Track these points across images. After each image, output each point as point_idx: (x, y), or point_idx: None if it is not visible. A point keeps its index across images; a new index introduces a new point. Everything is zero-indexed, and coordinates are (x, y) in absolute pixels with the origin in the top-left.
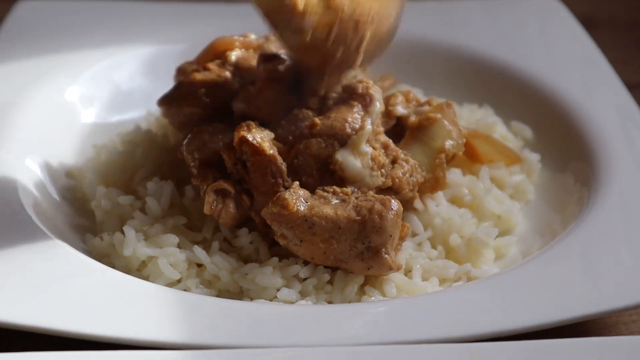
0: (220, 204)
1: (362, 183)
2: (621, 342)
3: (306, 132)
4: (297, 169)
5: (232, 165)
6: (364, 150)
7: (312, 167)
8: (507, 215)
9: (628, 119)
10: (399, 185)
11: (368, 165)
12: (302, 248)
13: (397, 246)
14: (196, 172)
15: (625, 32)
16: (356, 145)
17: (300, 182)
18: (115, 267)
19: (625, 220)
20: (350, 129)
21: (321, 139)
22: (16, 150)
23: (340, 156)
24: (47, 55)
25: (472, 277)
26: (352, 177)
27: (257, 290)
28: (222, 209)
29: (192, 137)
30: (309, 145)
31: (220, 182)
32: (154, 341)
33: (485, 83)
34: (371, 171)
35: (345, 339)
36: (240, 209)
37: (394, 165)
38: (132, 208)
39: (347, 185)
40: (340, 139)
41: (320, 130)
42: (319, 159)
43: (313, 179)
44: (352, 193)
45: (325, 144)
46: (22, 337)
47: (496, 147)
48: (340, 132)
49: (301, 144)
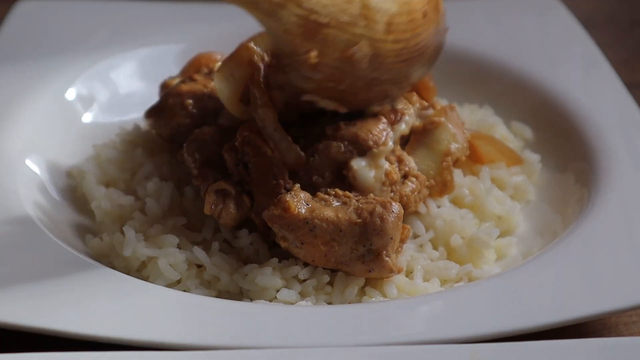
0: (220, 204)
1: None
2: (621, 343)
3: (329, 134)
4: (311, 167)
5: (234, 166)
6: (381, 165)
7: (325, 168)
8: (508, 216)
9: (628, 119)
10: (406, 202)
11: (380, 179)
12: (303, 250)
13: (398, 249)
14: (197, 172)
15: (625, 32)
16: (375, 158)
17: (310, 180)
18: (115, 267)
19: (625, 220)
20: (372, 141)
21: (342, 143)
22: (16, 150)
23: (355, 164)
24: (47, 55)
25: (474, 278)
26: (361, 187)
27: (257, 291)
28: (222, 210)
29: (192, 138)
30: (329, 146)
31: (220, 182)
32: (153, 342)
33: (485, 83)
34: (382, 186)
35: (345, 340)
36: (241, 210)
37: (404, 181)
38: (131, 208)
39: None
40: (360, 148)
41: (343, 135)
42: (334, 162)
43: (323, 180)
44: (354, 196)
45: (345, 149)
46: (22, 337)
47: (497, 147)
48: (362, 142)
49: (321, 143)
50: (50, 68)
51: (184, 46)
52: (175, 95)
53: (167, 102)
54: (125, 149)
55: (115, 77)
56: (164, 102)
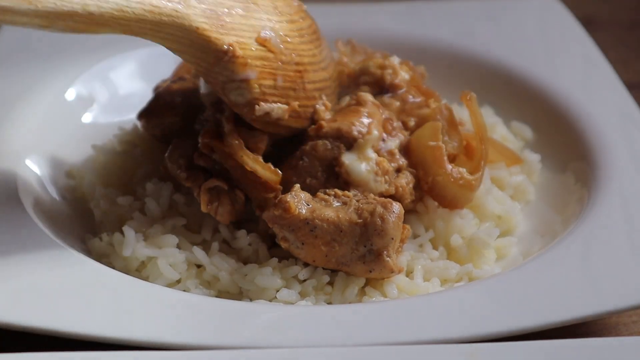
0: (215, 201)
1: (366, 187)
2: (621, 343)
3: (312, 134)
4: (302, 170)
5: (214, 169)
6: (369, 156)
7: (317, 169)
8: (508, 216)
9: (628, 119)
10: (401, 194)
11: (373, 170)
12: (304, 251)
13: (398, 249)
14: (186, 175)
15: (625, 32)
16: (362, 149)
17: (305, 183)
18: (115, 267)
19: (626, 220)
20: (356, 131)
21: (327, 141)
22: (16, 150)
23: (346, 159)
24: (47, 56)
25: (474, 278)
26: (356, 181)
27: (257, 291)
28: (218, 206)
29: (172, 147)
30: (315, 147)
31: (212, 179)
32: (153, 342)
33: (485, 83)
34: (375, 176)
35: (345, 339)
36: (237, 204)
37: (398, 174)
38: (130, 208)
39: (350, 189)
40: (346, 141)
41: (327, 132)
42: (324, 161)
43: (317, 181)
44: (354, 196)
45: (332, 146)
46: (22, 337)
47: (497, 147)
48: (347, 135)
49: (307, 145)
50: (50, 68)
51: None
52: (165, 95)
53: (158, 102)
54: (125, 149)
55: (114, 77)
56: (155, 103)
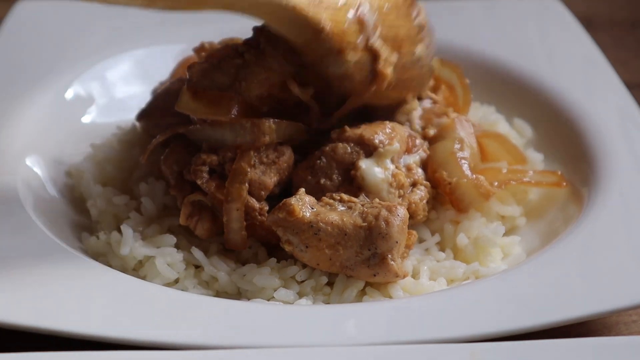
0: (196, 215)
1: (378, 196)
2: (621, 343)
3: (334, 137)
4: (318, 170)
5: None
6: (387, 166)
7: (333, 170)
8: (510, 215)
9: (628, 119)
10: (414, 210)
11: (388, 180)
12: (308, 254)
13: (404, 254)
14: (173, 182)
15: (625, 32)
16: (381, 158)
17: (318, 183)
18: (112, 266)
19: (625, 220)
20: (378, 140)
21: (348, 145)
22: (16, 150)
23: (363, 163)
24: (47, 56)
25: (481, 276)
26: (370, 187)
27: (255, 291)
28: (198, 221)
29: (169, 152)
30: (335, 148)
31: (197, 193)
32: (153, 341)
33: (484, 83)
34: (389, 187)
35: (345, 339)
36: (217, 223)
37: (412, 189)
38: (127, 208)
39: (361, 195)
40: (366, 148)
41: (349, 137)
42: (341, 164)
43: (332, 183)
44: (360, 202)
45: (352, 150)
46: (21, 337)
47: (505, 145)
48: (368, 142)
49: (327, 146)
50: (49, 68)
51: (182, 47)
52: (163, 95)
53: (156, 103)
54: (123, 149)
55: (114, 78)
56: (153, 104)
